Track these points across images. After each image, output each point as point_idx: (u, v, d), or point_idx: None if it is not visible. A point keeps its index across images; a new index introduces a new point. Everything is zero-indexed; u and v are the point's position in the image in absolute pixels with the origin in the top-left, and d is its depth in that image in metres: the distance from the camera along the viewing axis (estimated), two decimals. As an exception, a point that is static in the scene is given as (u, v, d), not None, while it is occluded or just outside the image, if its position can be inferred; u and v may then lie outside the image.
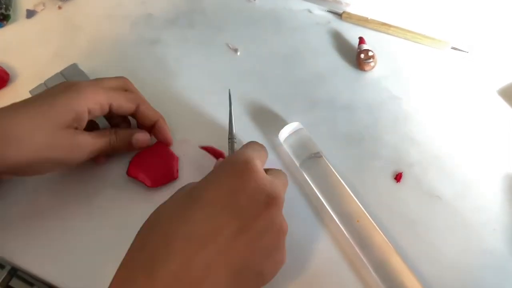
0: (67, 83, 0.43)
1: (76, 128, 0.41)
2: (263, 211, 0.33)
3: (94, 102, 0.42)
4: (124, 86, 0.47)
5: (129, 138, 0.46)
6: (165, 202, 0.34)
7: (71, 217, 0.44)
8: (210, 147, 0.48)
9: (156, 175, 0.46)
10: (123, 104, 0.44)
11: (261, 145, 0.40)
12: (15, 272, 0.46)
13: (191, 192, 0.33)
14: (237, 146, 0.46)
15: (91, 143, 0.42)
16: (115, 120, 0.48)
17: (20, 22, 0.63)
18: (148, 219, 0.33)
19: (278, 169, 0.40)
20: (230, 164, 0.34)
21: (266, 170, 0.39)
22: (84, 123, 0.42)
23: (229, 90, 0.49)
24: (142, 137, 0.46)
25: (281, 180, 0.37)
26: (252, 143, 0.39)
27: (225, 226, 0.31)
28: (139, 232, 0.33)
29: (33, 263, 0.42)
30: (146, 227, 0.33)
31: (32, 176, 0.44)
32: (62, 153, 0.40)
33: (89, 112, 0.42)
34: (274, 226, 0.33)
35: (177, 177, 0.46)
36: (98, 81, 0.45)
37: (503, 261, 0.40)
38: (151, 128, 0.47)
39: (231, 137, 0.45)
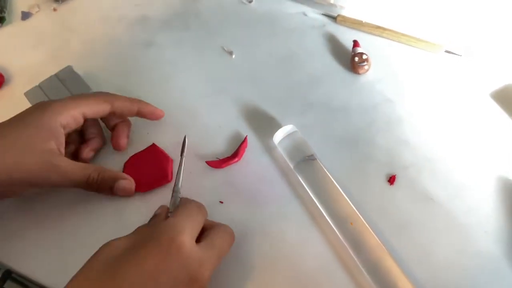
0: (37, 104, 0.42)
1: (59, 150, 0.41)
2: None
3: (65, 116, 0.41)
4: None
5: (111, 183, 0.43)
6: (82, 271, 0.32)
7: (65, 220, 0.44)
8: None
9: (150, 179, 0.46)
10: (95, 108, 0.43)
11: (197, 207, 0.38)
12: (9, 274, 0.46)
13: (112, 265, 0.32)
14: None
15: (67, 170, 0.40)
16: (112, 122, 0.48)
17: (15, 24, 0.63)
18: None
19: (219, 229, 0.38)
20: (158, 243, 0.33)
21: (207, 227, 0.38)
22: (63, 140, 0.41)
23: (185, 136, 0.45)
24: (126, 186, 0.44)
25: (215, 247, 0.36)
26: (187, 207, 0.38)
27: None
28: None
29: (27, 265, 0.42)
30: None
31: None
32: (33, 174, 0.39)
33: (63, 127, 0.41)
34: None
35: (171, 179, 0.46)
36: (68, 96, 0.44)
37: (495, 263, 0.40)
38: (137, 115, 0.47)
39: (176, 189, 0.41)
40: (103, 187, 0.43)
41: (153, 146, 0.48)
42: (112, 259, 0.32)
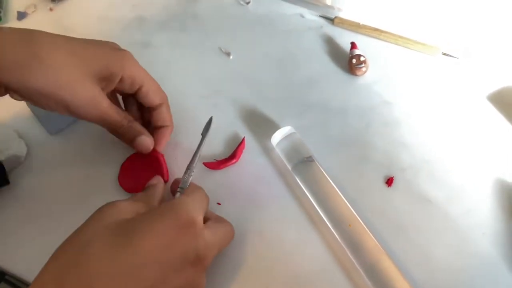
0: (117, 45, 0.44)
1: (103, 89, 0.42)
2: (187, 269, 0.33)
3: (131, 74, 0.42)
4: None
5: (135, 135, 0.44)
6: (84, 232, 0.32)
7: (61, 222, 0.44)
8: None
9: (146, 181, 0.44)
10: (151, 92, 0.45)
11: (203, 192, 0.40)
12: (3, 276, 0.45)
13: (126, 228, 0.32)
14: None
15: (104, 110, 0.41)
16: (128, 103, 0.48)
17: (11, 24, 0.62)
18: (63, 248, 0.32)
19: (224, 223, 0.40)
20: (175, 216, 0.34)
21: (211, 218, 0.39)
22: (112, 86, 0.42)
23: (211, 117, 0.46)
24: (146, 143, 0.44)
25: (218, 236, 0.37)
26: (198, 190, 0.40)
27: (148, 279, 0.31)
28: (52, 262, 0.31)
29: (22, 267, 0.42)
30: (63, 259, 0.31)
31: (18, 169, 0.45)
32: (77, 101, 0.39)
33: (121, 79, 0.42)
34: (190, 285, 0.33)
35: (167, 179, 0.46)
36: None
37: (492, 265, 0.40)
38: (154, 130, 0.47)
39: (190, 167, 0.43)
40: (127, 136, 0.44)
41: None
42: (124, 222, 0.33)
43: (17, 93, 0.39)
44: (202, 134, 0.45)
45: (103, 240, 0.31)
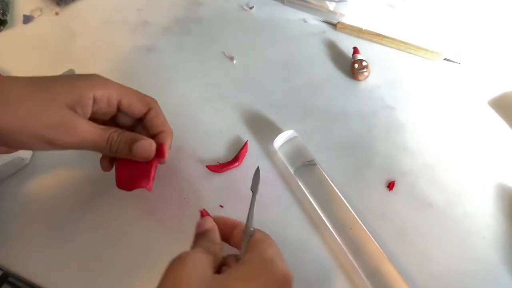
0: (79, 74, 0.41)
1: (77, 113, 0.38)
2: None
3: (102, 91, 0.38)
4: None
5: (131, 143, 0.40)
6: None
7: (65, 224, 0.44)
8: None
9: (131, 177, 0.42)
10: (133, 103, 0.41)
11: (269, 238, 0.36)
12: (6, 278, 0.46)
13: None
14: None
15: (86, 130, 0.38)
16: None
17: (17, 28, 0.63)
18: None
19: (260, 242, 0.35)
20: (272, 276, 0.31)
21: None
22: (88, 111, 0.38)
23: (258, 168, 0.40)
24: (144, 147, 0.40)
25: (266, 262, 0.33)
26: (265, 240, 0.35)
27: None
28: None
29: (26, 268, 0.42)
30: None
31: (23, 171, 0.44)
32: (48, 129, 0.36)
33: (95, 100, 0.38)
34: None
35: (150, 189, 0.41)
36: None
37: (493, 269, 0.40)
38: (154, 138, 0.42)
39: (246, 232, 0.36)
40: (122, 149, 0.40)
41: None
42: (214, 281, 0.31)
43: None
44: (252, 190, 0.39)
45: None
